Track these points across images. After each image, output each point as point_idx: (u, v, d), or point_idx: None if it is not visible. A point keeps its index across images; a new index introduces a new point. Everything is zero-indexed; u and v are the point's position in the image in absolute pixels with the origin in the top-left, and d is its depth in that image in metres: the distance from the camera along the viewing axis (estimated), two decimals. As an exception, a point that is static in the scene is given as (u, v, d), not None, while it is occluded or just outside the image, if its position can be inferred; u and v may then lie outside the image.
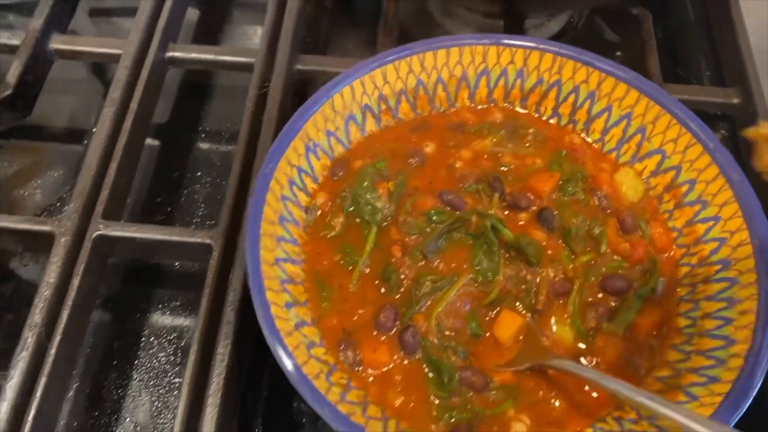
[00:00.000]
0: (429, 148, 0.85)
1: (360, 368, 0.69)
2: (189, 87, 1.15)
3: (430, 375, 0.70)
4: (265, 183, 0.72)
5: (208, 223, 0.97)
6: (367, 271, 0.75)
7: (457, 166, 0.83)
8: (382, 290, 0.74)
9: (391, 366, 0.70)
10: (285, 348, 0.62)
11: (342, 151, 0.84)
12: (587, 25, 1.20)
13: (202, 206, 1.01)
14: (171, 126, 1.09)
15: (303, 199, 0.79)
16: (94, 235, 0.83)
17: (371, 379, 0.69)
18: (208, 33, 1.21)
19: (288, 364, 0.62)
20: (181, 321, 0.90)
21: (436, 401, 0.68)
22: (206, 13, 1.24)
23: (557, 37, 1.17)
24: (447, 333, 0.72)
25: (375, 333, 0.71)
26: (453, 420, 0.67)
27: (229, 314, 0.78)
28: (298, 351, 0.64)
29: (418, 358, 0.70)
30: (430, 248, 0.76)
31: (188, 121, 1.10)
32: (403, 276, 0.74)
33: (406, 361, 0.70)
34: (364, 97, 0.83)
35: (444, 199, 0.79)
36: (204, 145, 1.07)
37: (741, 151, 1.01)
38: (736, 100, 1.00)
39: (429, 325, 0.72)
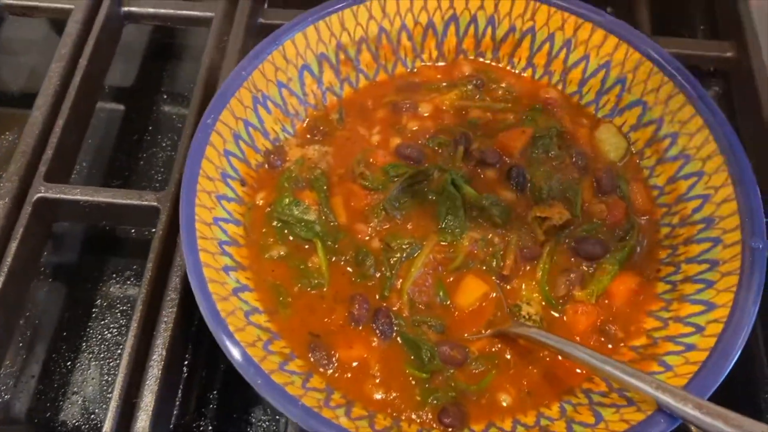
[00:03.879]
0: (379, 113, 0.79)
1: (335, 367, 0.63)
2: (154, 47, 1.09)
3: (410, 357, 0.64)
4: (205, 135, 0.66)
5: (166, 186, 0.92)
6: (341, 262, 0.69)
7: (412, 127, 0.77)
8: (353, 279, 0.68)
9: (366, 356, 0.64)
10: (215, 312, 0.57)
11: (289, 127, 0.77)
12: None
13: (161, 170, 0.95)
14: (134, 88, 1.04)
15: (252, 156, 0.73)
16: (35, 197, 0.78)
17: (349, 375, 0.63)
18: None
19: (218, 329, 0.56)
20: (136, 291, 0.85)
21: (418, 385, 0.63)
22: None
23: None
24: (420, 307, 0.67)
25: (349, 328, 0.65)
26: (437, 402, 0.62)
27: (174, 281, 0.72)
28: (233, 317, 0.59)
29: (395, 340, 0.65)
30: (392, 204, 0.71)
31: (152, 83, 1.05)
32: (374, 252, 0.69)
33: (381, 344, 0.64)
34: (319, 45, 0.77)
35: (401, 152, 0.74)
36: (167, 108, 1.02)
37: (735, 109, 0.94)
38: (730, 54, 0.94)
39: (402, 300, 0.66)
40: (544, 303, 0.67)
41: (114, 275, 0.87)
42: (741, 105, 0.93)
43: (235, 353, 0.56)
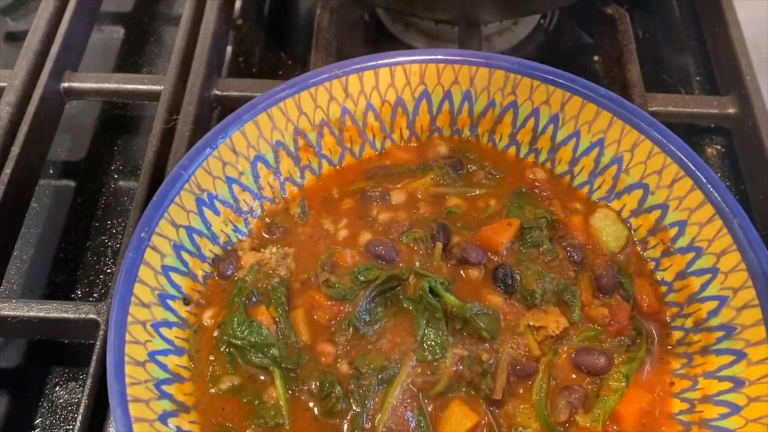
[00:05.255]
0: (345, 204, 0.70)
1: None
2: (106, 120, 1.01)
3: None
4: (137, 254, 0.57)
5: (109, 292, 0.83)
6: (303, 396, 0.59)
7: (384, 220, 0.67)
8: (317, 416, 0.58)
9: None
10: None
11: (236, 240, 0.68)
12: (558, 29, 1.04)
13: (110, 262, 0.86)
14: (83, 165, 0.95)
15: (197, 266, 0.63)
16: (-42, 317, 0.68)
17: None
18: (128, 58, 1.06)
19: None
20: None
21: None
22: (128, 34, 1.09)
23: (525, 44, 1.02)
24: None
25: None
26: None
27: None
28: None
29: None
30: (362, 317, 0.61)
31: (102, 158, 0.96)
32: (342, 380, 0.59)
33: None
34: (274, 133, 0.68)
35: (372, 251, 0.64)
36: (120, 183, 0.93)
37: (740, 171, 0.86)
38: (731, 110, 0.86)
39: None
40: (543, 430, 0.58)
41: (58, 385, 0.77)
42: (748, 165, 0.85)
43: None
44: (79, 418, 0.63)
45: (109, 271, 0.85)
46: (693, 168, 0.62)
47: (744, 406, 0.54)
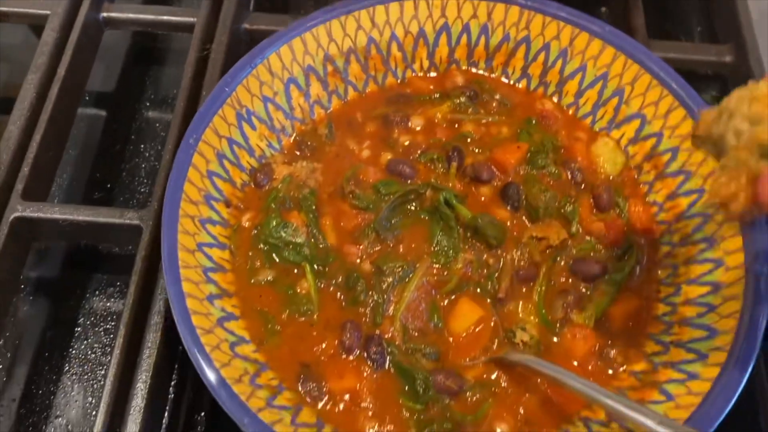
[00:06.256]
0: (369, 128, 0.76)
1: (326, 400, 0.60)
2: (137, 51, 1.06)
3: (404, 388, 0.61)
4: (187, 156, 0.63)
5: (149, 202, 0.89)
6: (331, 287, 0.66)
7: (404, 142, 0.74)
8: (343, 304, 0.65)
9: (357, 387, 0.61)
10: (200, 349, 0.54)
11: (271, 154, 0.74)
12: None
13: (145, 182, 0.92)
14: (116, 94, 1.01)
15: (237, 175, 0.70)
16: (12, 217, 0.75)
17: (341, 407, 0.60)
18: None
19: (204, 369, 0.54)
20: (120, 307, 0.82)
21: (413, 417, 0.60)
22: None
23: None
24: (413, 333, 0.64)
25: (340, 357, 0.63)
26: None
27: (158, 304, 0.70)
28: (218, 352, 0.56)
29: (388, 370, 0.62)
30: (383, 225, 0.68)
31: (135, 88, 1.01)
32: (365, 276, 0.66)
33: (375, 376, 0.62)
34: (306, 58, 0.74)
35: (393, 169, 0.71)
36: (150, 114, 0.99)
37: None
38: (728, 59, 0.91)
39: (394, 327, 0.64)
40: (541, 327, 0.65)
41: (98, 292, 0.84)
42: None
43: (222, 393, 0.53)
44: (124, 319, 0.68)
45: (143, 190, 0.91)
46: (686, 98, 0.69)
47: (719, 304, 0.61)
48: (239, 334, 0.61)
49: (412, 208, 0.70)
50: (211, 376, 0.54)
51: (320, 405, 0.60)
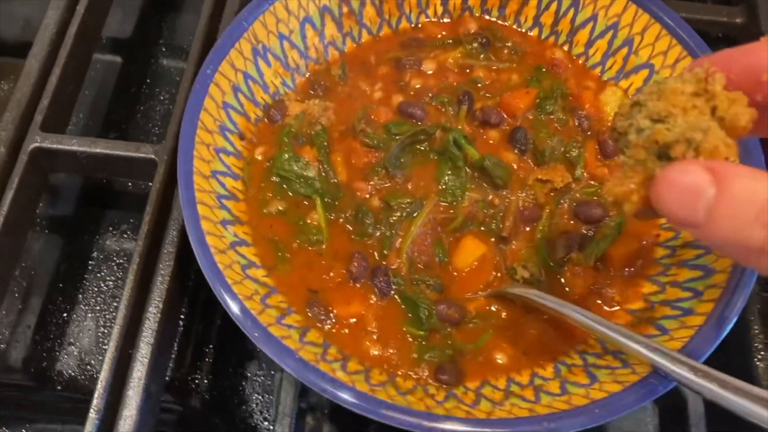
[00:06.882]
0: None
1: (333, 323, 0.63)
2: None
3: (408, 315, 0.64)
4: (204, 86, 0.65)
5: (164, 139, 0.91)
6: (340, 219, 0.68)
7: (415, 85, 0.76)
8: (352, 237, 0.68)
9: (363, 312, 0.64)
10: (213, 264, 0.56)
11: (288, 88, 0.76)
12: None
13: (159, 124, 0.94)
14: (132, 40, 1.02)
15: (251, 109, 0.72)
16: (31, 147, 0.77)
17: (346, 331, 0.63)
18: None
19: (216, 281, 0.56)
20: (132, 244, 0.84)
21: (415, 343, 0.63)
22: None
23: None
24: (418, 266, 0.66)
25: (347, 285, 0.65)
26: (434, 360, 0.62)
27: (171, 234, 0.72)
28: (231, 270, 0.58)
29: (393, 298, 0.64)
30: (393, 163, 0.70)
31: (150, 35, 1.03)
32: (374, 211, 0.68)
33: (379, 302, 0.64)
34: (322, -3, 0.75)
35: (404, 110, 0.73)
36: (165, 61, 1.01)
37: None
38: (739, 20, 0.92)
39: (401, 259, 0.66)
40: (541, 265, 0.67)
41: (111, 228, 0.87)
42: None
43: (233, 306, 0.56)
44: (138, 248, 0.70)
45: (157, 131, 0.93)
46: (694, 47, 0.70)
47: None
48: (251, 259, 0.63)
49: (422, 148, 0.72)
50: (223, 291, 0.56)
51: (327, 327, 0.62)
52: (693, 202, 0.42)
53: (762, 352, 0.76)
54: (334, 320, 0.62)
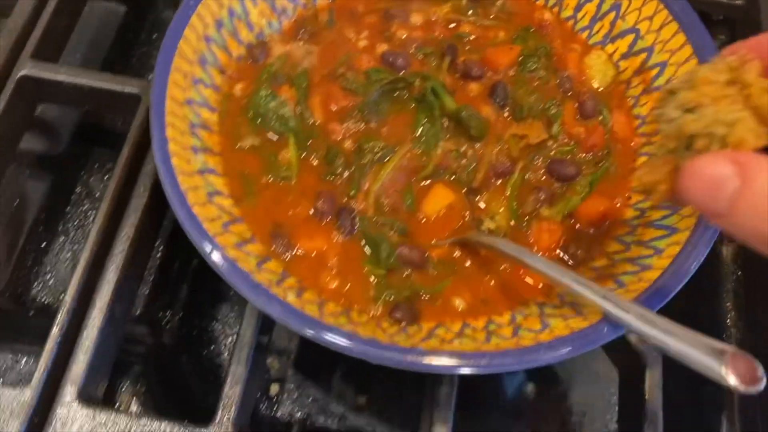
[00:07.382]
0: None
1: (293, 255, 0.63)
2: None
3: (368, 252, 0.64)
4: (185, 15, 0.66)
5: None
6: (312, 159, 0.69)
7: (401, 36, 0.76)
8: (323, 177, 0.68)
9: (325, 248, 0.64)
10: (175, 183, 0.57)
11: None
12: None
13: (153, 69, 0.95)
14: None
15: (234, 47, 0.72)
16: (19, 74, 0.78)
17: (306, 264, 0.63)
18: None
19: (175, 199, 0.57)
20: (116, 181, 0.85)
21: (374, 281, 0.63)
22: None
23: None
24: (385, 209, 0.67)
25: (312, 221, 0.65)
26: (391, 299, 0.62)
27: (148, 167, 0.72)
28: (194, 193, 0.59)
29: (356, 236, 0.65)
30: (370, 107, 0.70)
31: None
32: (345, 153, 0.69)
33: (342, 240, 0.64)
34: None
35: (387, 59, 0.73)
36: (166, 15, 1.01)
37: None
38: (740, 1, 0.91)
39: (368, 202, 0.66)
40: (509, 218, 0.67)
41: (97, 165, 0.88)
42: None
43: (182, 214, 0.56)
44: (115, 177, 0.70)
45: (150, 77, 0.94)
46: (680, 13, 0.69)
47: (682, 207, 0.63)
48: (218, 189, 0.64)
49: (401, 95, 0.72)
50: (181, 208, 0.56)
51: (287, 258, 0.62)
52: (717, 194, 0.42)
53: (732, 329, 0.76)
54: (295, 252, 0.63)
